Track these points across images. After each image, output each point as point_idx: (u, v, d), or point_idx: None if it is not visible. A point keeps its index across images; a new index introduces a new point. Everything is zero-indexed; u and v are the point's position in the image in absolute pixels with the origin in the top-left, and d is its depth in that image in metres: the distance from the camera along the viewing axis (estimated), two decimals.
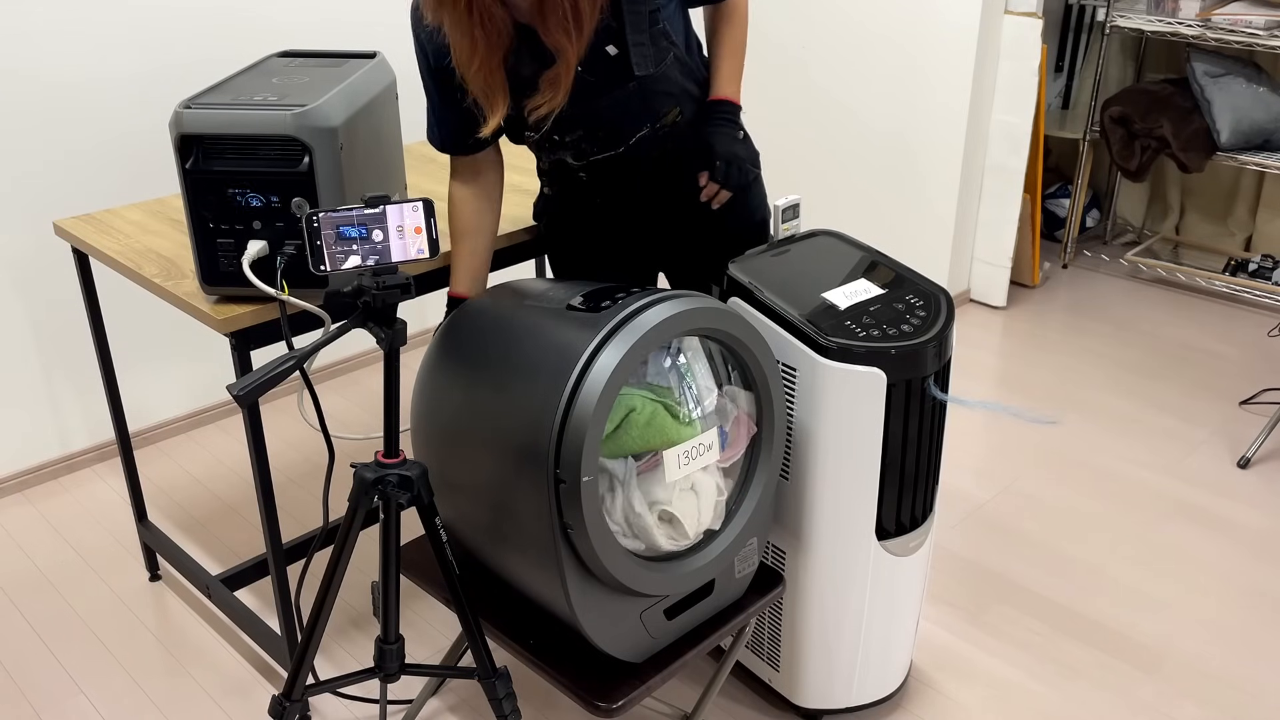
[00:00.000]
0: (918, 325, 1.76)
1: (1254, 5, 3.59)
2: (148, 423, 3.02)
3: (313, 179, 1.68)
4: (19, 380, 2.75)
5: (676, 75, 1.81)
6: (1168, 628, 2.32)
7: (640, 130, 1.83)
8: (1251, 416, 3.12)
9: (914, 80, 3.64)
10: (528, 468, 1.47)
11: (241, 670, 2.22)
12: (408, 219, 1.46)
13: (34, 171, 2.62)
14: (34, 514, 2.74)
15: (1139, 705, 2.11)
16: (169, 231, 2.08)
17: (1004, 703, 2.12)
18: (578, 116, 1.79)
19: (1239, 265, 3.95)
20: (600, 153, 1.86)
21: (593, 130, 1.82)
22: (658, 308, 1.48)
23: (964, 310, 3.87)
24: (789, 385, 1.77)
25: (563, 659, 1.64)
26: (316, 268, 1.42)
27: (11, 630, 2.33)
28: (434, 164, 2.48)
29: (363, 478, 1.55)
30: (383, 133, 2.00)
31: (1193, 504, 2.71)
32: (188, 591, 2.44)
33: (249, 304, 1.77)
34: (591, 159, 1.87)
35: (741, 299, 1.82)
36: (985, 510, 2.72)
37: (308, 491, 2.81)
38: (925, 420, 1.81)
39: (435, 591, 1.82)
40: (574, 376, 1.43)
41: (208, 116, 1.68)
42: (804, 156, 4.07)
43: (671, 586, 1.61)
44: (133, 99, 2.72)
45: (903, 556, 1.90)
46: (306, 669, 1.66)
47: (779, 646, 2.00)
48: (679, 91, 1.83)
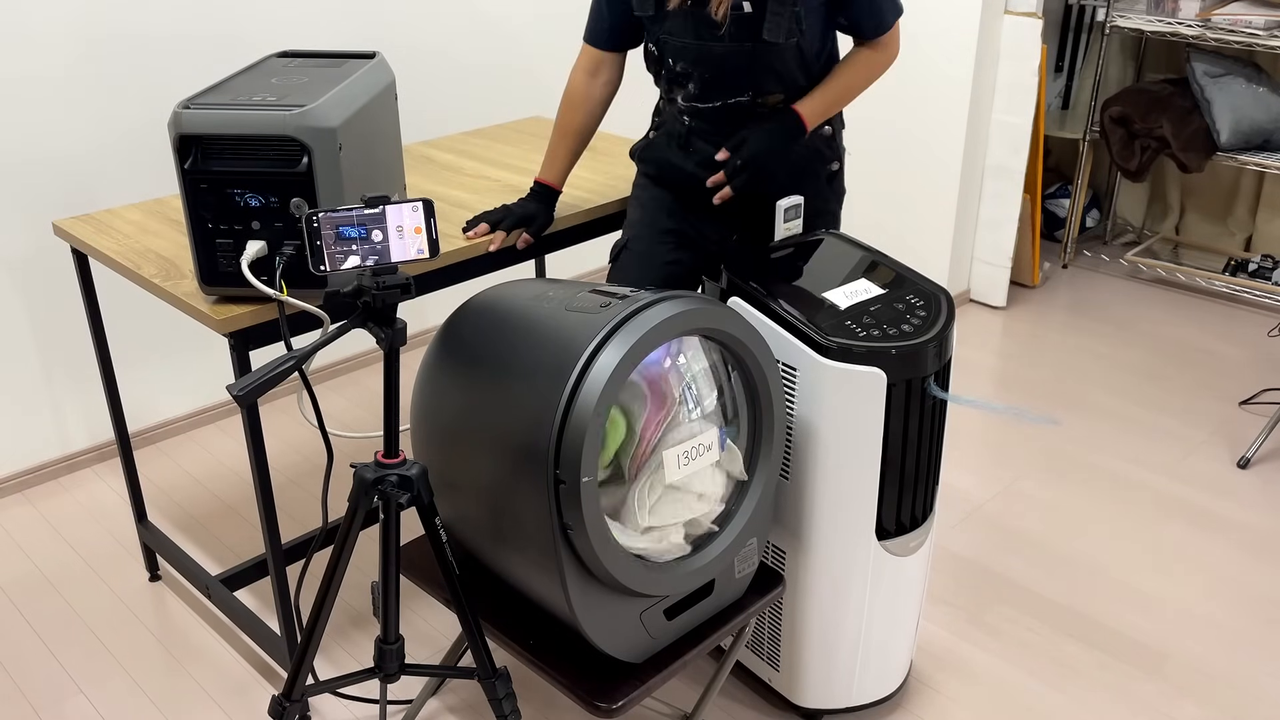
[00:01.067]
0: (918, 325, 1.76)
1: (1254, 5, 3.59)
2: (147, 423, 3.02)
3: (312, 179, 1.68)
4: (19, 380, 2.75)
5: (792, 64, 1.89)
6: (1167, 627, 2.32)
7: (740, 95, 1.92)
8: (1251, 417, 3.12)
9: (914, 80, 3.64)
10: (528, 468, 1.47)
11: (241, 670, 2.21)
12: (407, 219, 1.46)
13: (34, 171, 2.62)
14: (34, 514, 2.73)
15: (1139, 705, 2.11)
16: (168, 232, 2.08)
17: (1004, 703, 2.12)
18: (693, 51, 1.89)
19: (1239, 265, 3.95)
20: (701, 101, 1.95)
21: (700, 72, 1.92)
22: (657, 307, 1.48)
23: (964, 310, 3.87)
24: (789, 385, 1.77)
25: (563, 659, 1.64)
26: (316, 268, 1.42)
27: (11, 630, 2.33)
28: (434, 164, 2.48)
29: (362, 478, 1.55)
30: (382, 133, 2.00)
31: (1193, 504, 2.71)
32: (188, 591, 2.44)
33: (248, 304, 1.77)
34: (694, 104, 1.96)
35: (741, 299, 1.82)
36: (985, 510, 2.71)
37: (307, 491, 2.81)
38: (925, 420, 1.81)
39: (435, 591, 1.82)
40: (574, 376, 1.43)
41: (207, 116, 1.68)
42: None
43: (671, 587, 1.61)
44: (132, 99, 2.72)
45: (903, 556, 1.89)
46: (306, 669, 1.66)
47: (779, 646, 1.99)
48: (789, 81, 1.91)
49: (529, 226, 2.08)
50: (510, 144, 2.64)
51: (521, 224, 2.08)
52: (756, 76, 1.90)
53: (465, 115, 3.40)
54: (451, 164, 2.48)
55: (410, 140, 2.62)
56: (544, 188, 2.11)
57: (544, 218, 2.11)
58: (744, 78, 1.90)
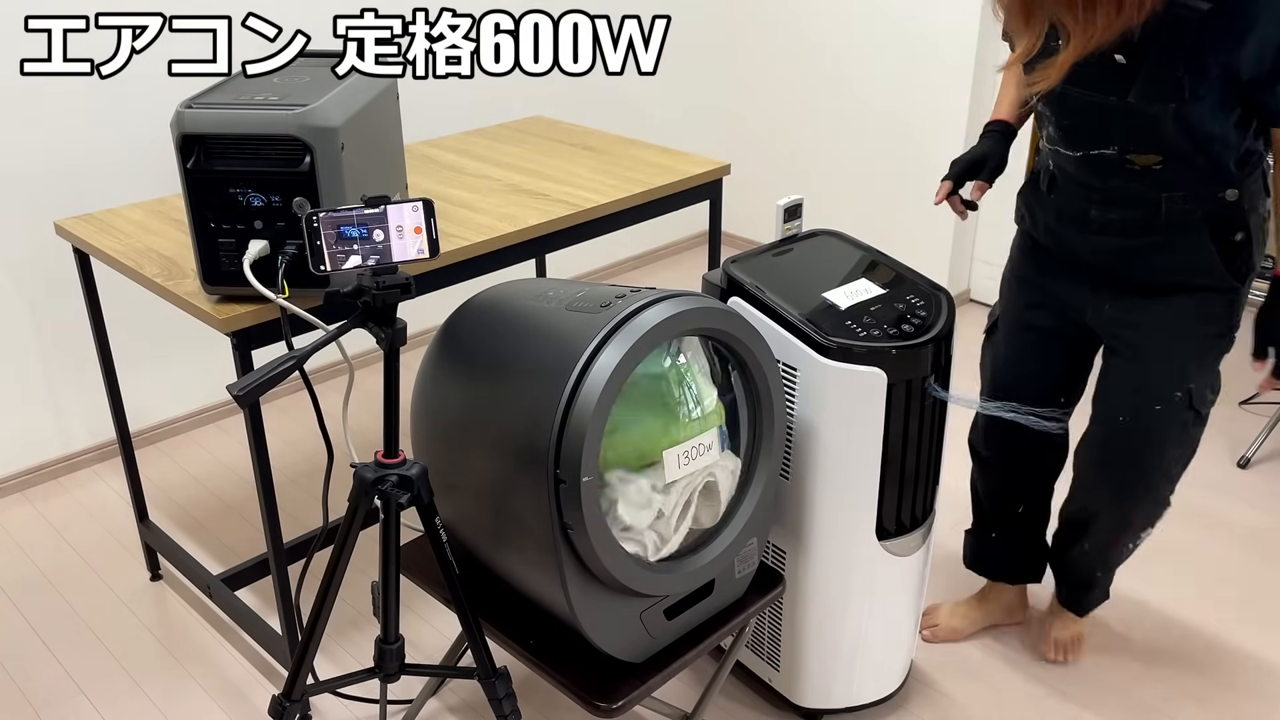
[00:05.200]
0: (918, 325, 1.76)
1: None
2: (148, 423, 3.02)
3: (314, 179, 1.68)
4: (19, 380, 2.75)
5: (1172, 131, 1.62)
6: (1167, 627, 2.32)
7: (1104, 148, 1.70)
8: (1251, 416, 3.12)
9: (915, 80, 3.64)
10: (528, 468, 1.47)
11: (241, 670, 2.22)
12: (408, 219, 1.46)
13: (34, 171, 2.62)
14: (34, 514, 2.74)
15: (1139, 705, 2.11)
16: (170, 231, 2.08)
17: (1004, 703, 2.12)
18: (1054, 91, 1.67)
19: None
20: (1063, 147, 1.76)
21: (1058, 118, 1.73)
22: (658, 307, 1.48)
23: (964, 310, 3.87)
24: (789, 385, 1.77)
25: (563, 659, 1.64)
26: (317, 268, 1.42)
27: (11, 630, 2.33)
28: (434, 164, 2.48)
29: (363, 478, 1.55)
30: (384, 133, 2.00)
31: (1193, 504, 2.71)
32: (188, 591, 2.44)
33: (250, 304, 1.77)
34: (1056, 149, 1.78)
35: (741, 299, 1.82)
36: None
37: (308, 491, 2.81)
38: (925, 420, 1.81)
39: (435, 591, 1.82)
40: (574, 376, 1.43)
41: (209, 116, 1.68)
42: (804, 156, 4.08)
43: (671, 587, 1.61)
44: (132, 98, 2.72)
45: (903, 556, 1.90)
46: (306, 669, 1.67)
47: (779, 646, 2.00)
48: (1168, 146, 1.65)
49: (979, 171, 1.93)
50: (512, 143, 2.64)
51: (971, 170, 1.94)
52: (1124, 133, 1.66)
53: (466, 115, 3.40)
54: (453, 163, 2.48)
55: (411, 140, 2.62)
56: (998, 124, 1.94)
57: (996, 159, 1.93)
58: (1107, 132, 1.68)
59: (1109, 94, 1.62)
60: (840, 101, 3.88)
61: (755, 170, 4.14)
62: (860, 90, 3.81)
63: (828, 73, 3.88)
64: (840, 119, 3.90)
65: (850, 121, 3.88)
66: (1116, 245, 1.79)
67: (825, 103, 3.93)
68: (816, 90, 3.94)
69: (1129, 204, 1.74)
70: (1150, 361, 1.83)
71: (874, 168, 3.85)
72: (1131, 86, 1.59)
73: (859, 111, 3.84)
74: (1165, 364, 1.82)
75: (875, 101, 3.78)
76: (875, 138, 3.82)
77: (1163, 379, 1.82)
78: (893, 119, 3.74)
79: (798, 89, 3.99)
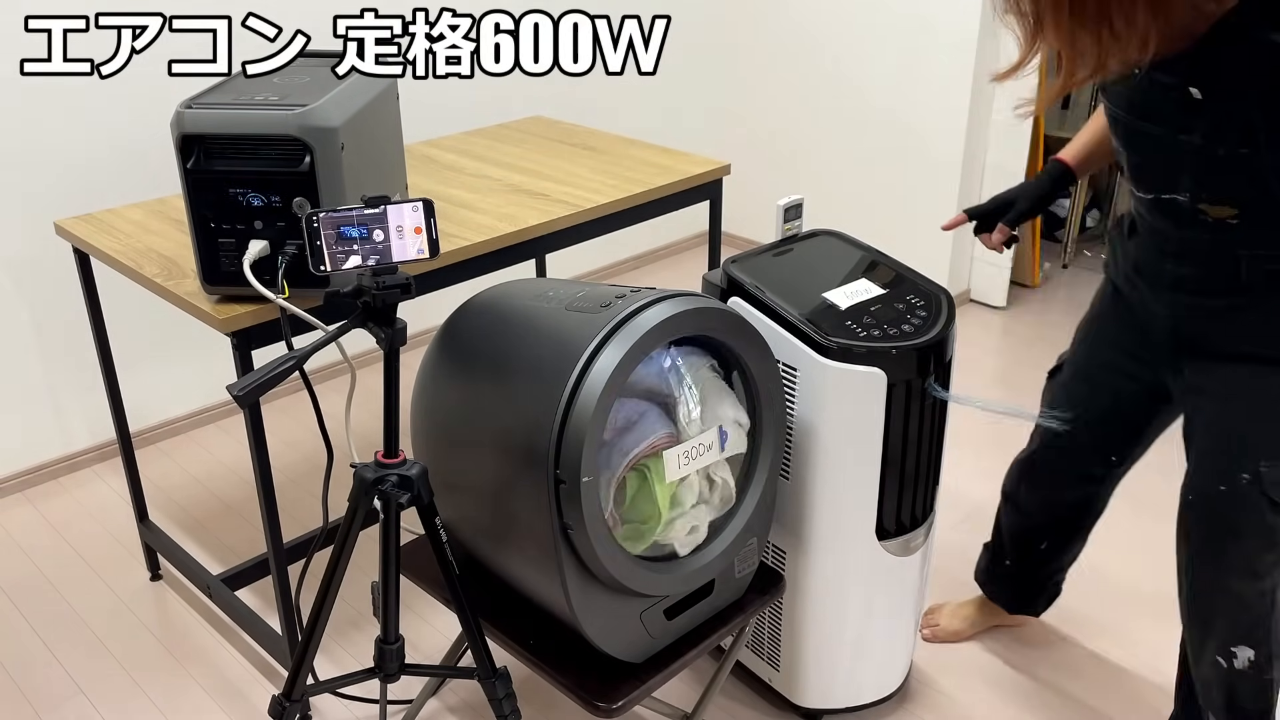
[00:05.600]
0: (918, 325, 1.76)
1: None
2: (148, 423, 3.02)
3: (314, 179, 1.68)
4: (19, 380, 2.75)
5: (1245, 179, 1.43)
6: (1168, 627, 2.32)
7: (1175, 193, 1.51)
8: None
9: (914, 80, 3.64)
10: (528, 468, 1.47)
11: (241, 670, 2.22)
12: (408, 219, 1.46)
13: (34, 172, 2.62)
14: (34, 514, 2.74)
15: (1139, 704, 2.11)
16: (170, 231, 2.08)
17: (1004, 703, 2.12)
18: (1122, 125, 1.53)
19: None
20: (1135, 187, 1.59)
21: (1129, 155, 1.57)
22: (658, 307, 1.48)
23: (964, 310, 3.87)
24: (789, 385, 1.77)
25: (563, 659, 1.64)
26: (317, 268, 1.42)
27: (11, 630, 2.33)
28: (434, 164, 2.48)
29: (363, 478, 1.55)
30: (384, 133, 2.00)
31: None
32: (188, 591, 2.44)
33: (250, 304, 1.77)
34: (1132, 187, 1.61)
35: (741, 299, 1.82)
36: (985, 510, 2.71)
37: (308, 491, 2.81)
38: (925, 420, 1.81)
39: (435, 591, 1.82)
40: (574, 376, 1.43)
41: (209, 116, 1.68)
42: (804, 156, 4.07)
43: (671, 587, 1.61)
44: (132, 98, 2.72)
45: (903, 556, 1.90)
46: (306, 669, 1.67)
47: (779, 646, 2.00)
48: (1245, 199, 1.45)
49: (1004, 213, 1.81)
50: (512, 143, 2.64)
51: (997, 211, 1.82)
52: (1194, 179, 1.47)
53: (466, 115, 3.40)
54: (453, 163, 2.48)
55: (411, 140, 2.62)
56: (1055, 163, 1.80)
57: (1028, 202, 1.80)
58: (1176, 175, 1.49)
59: (1178, 132, 1.44)
60: (840, 101, 3.88)
61: (755, 170, 4.14)
62: (860, 90, 3.80)
63: (828, 72, 3.87)
64: (840, 119, 3.90)
65: (850, 121, 3.88)
66: (1193, 305, 1.60)
67: (825, 103, 3.93)
68: (816, 90, 3.94)
69: (1203, 260, 1.55)
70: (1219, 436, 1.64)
71: (874, 167, 3.85)
72: (1198, 124, 1.41)
73: (859, 111, 3.84)
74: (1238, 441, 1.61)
75: (875, 101, 3.78)
76: (875, 137, 3.82)
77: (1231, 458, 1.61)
78: (893, 118, 3.74)
79: (798, 89, 3.99)
